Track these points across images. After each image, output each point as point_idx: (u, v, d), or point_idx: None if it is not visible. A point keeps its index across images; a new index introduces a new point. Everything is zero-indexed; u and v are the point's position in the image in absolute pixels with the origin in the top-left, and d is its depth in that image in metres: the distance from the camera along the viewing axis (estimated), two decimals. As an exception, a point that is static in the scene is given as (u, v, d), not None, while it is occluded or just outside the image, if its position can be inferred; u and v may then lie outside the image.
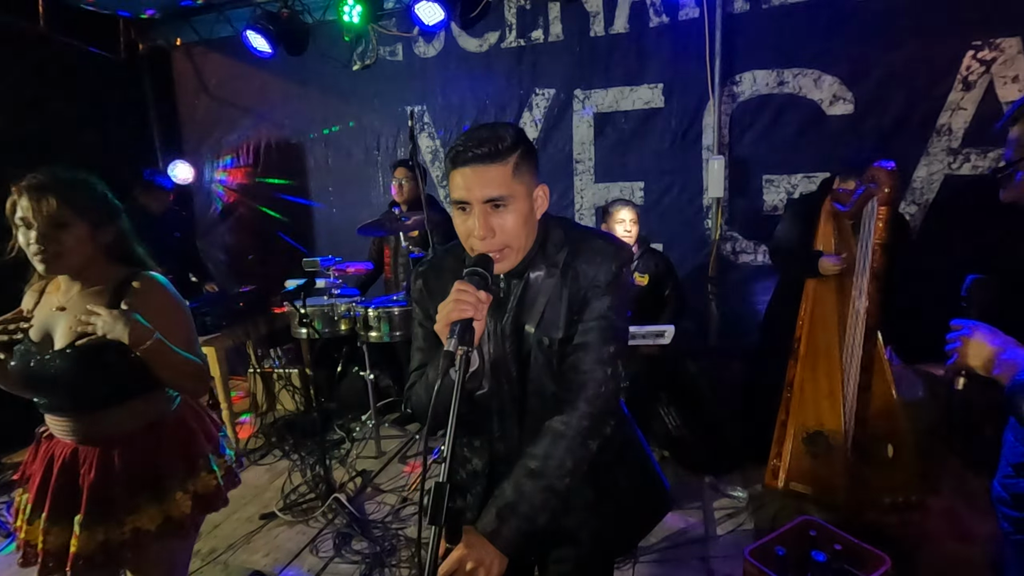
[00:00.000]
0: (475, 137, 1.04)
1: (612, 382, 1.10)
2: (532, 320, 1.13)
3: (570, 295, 1.12)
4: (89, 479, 1.43)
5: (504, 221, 1.05)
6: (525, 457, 1.08)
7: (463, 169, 1.04)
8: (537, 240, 1.14)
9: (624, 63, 3.50)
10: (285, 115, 4.33)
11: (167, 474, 1.50)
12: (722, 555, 2.42)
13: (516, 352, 1.15)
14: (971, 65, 2.94)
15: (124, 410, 1.47)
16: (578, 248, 1.14)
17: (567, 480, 1.06)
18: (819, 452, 2.45)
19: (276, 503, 2.97)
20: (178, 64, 4.52)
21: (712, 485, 2.95)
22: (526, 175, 1.07)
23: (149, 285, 1.49)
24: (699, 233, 3.58)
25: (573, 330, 1.11)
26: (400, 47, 3.94)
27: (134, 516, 1.45)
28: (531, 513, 1.03)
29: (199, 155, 4.62)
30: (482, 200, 1.04)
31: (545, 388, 1.14)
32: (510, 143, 1.04)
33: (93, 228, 1.43)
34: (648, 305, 3.06)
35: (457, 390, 0.92)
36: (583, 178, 3.74)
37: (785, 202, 3.33)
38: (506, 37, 3.69)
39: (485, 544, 0.99)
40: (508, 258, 1.09)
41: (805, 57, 3.19)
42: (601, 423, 1.09)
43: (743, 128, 3.38)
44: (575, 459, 1.06)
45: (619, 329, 1.12)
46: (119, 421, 1.46)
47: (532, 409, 1.14)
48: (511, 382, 1.16)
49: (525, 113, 3.76)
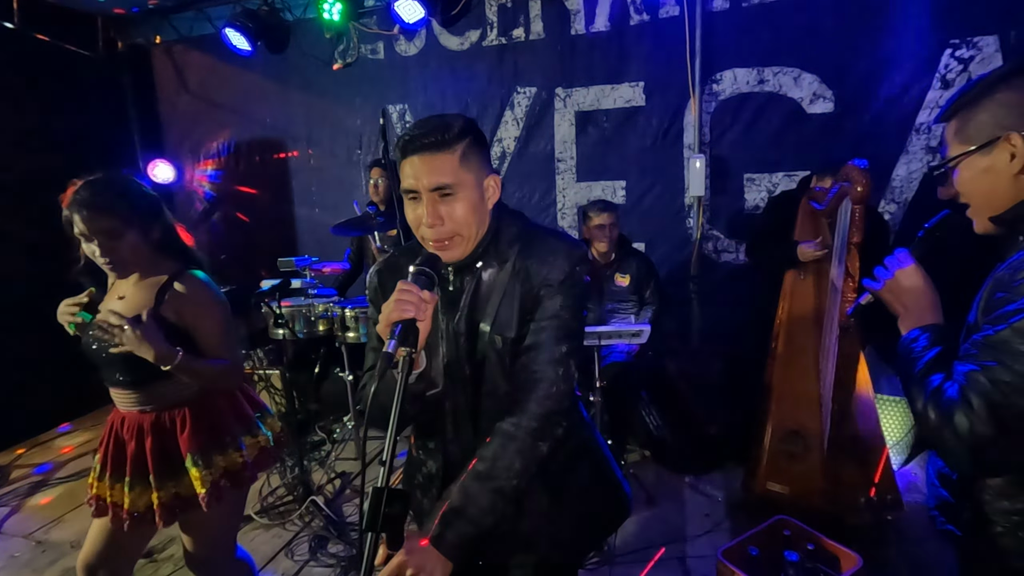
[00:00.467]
0: (423, 126, 1.04)
1: (564, 383, 1.08)
2: (486, 318, 1.11)
3: (522, 293, 1.10)
4: (131, 448, 1.62)
5: (452, 209, 1.05)
6: (475, 459, 1.05)
7: (411, 158, 1.04)
8: (489, 231, 1.13)
9: (605, 61, 3.49)
10: (267, 114, 4.29)
11: (200, 448, 1.63)
12: (699, 555, 2.41)
13: (470, 351, 1.13)
14: (949, 63, 2.94)
15: (159, 388, 1.61)
16: (531, 246, 1.13)
17: (515, 482, 1.04)
18: (796, 452, 2.44)
19: (253, 506, 2.94)
20: (158, 62, 4.48)
21: (692, 485, 2.95)
22: (475, 164, 1.07)
23: (191, 287, 1.60)
24: (681, 232, 3.57)
25: (525, 329, 1.09)
26: (381, 45, 3.91)
27: (172, 482, 1.62)
28: (477, 517, 1.01)
29: (180, 155, 4.57)
30: (430, 188, 1.03)
31: (498, 388, 1.12)
32: (457, 132, 1.04)
33: (143, 231, 1.57)
34: (629, 305, 3.05)
35: (399, 393, 0.89)
36: (565, 177, 3.72)
37: (766, 201, 3.33)
38: (487, 35, 3.67)
39: (428, 549, 0.97)
40: (458, 247, 1.08)
41: (785, 55, 3.18)
42: (552, 424, 1.07)
43: (724, 127, 3.37)
44: (524, 460, 1.04)
45: (572, 329, 1.10)
46: (154, 397, 1.62)
47: (486, 410, 1.12)
48: (465, 382, 1.14)
49: (507, 112, 3.74)
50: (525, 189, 3.82)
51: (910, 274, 1.10)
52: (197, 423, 1.64)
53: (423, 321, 0.95)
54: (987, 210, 1.03)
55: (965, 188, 1.05)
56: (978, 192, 1.03)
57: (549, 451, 1.07)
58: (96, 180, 1.54)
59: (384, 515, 0.84)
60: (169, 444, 1.63)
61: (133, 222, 1.54)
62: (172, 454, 1.63)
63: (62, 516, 3.01)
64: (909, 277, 1.10)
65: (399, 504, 0.87)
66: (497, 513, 1.02)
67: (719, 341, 3.49)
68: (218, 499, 1.64)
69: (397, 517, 0.87)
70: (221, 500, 1.65)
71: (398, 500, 0.87)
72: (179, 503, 1.63)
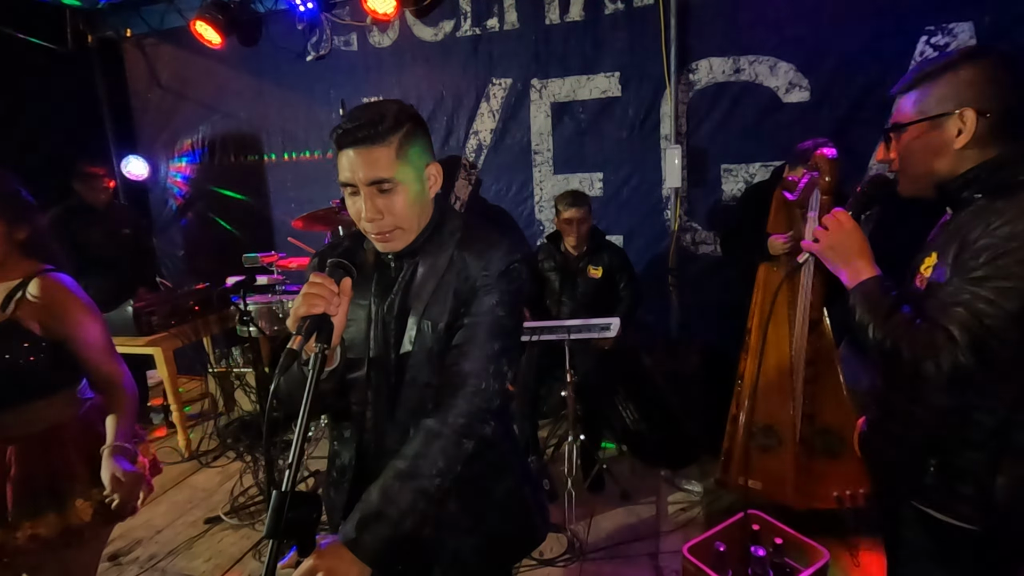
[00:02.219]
0: (357, 117, 0.99)
1: (495, 381, 1.04)
2: (417, 306, 1.07)
3: (457, 285, 1.06)
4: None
5: (391, 203, 1.01)
6: (396, 458, 1.01)
7: (347, 151, 1.00)
8: (432, 220, 1.09)
9: (580, 51, 3.43)
10: (240, 108, 4.22)
11: (67, 481, 1.45)
12: (671, 550, 2.38)
13: (397, 339, 1.08)
14: (925, 51, 2.90)
15: (25, 411, 1.44)
16: (471, 238, 1.10)
17: (438, 481, 0.99)
18: (769, 446, 2.41)
19: (223, 506, 2.89)
20: (129, 56, 4.39)
21: (667, 479, 2.92)
22: (412, 155, 1.02)
23: (48, 285, 1.46)
24: (659, 224, 3.53)
25: (457, 322, 1.05)
26: (354, 37, 3.84)
27: (31, 522, 1.41)
28: (397, 518, 0.96)
29: (153, 150, 4.49)
30: (366, 183, 0.99)
31: (419, 379, 1.07)
32: (392, 123, 0.99)
33: (6, 225, 1.44)
34: (602, 298, 3.01)
35: (308, 392, 0.85)
36: (542, 169, 3.67)
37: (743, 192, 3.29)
38: (461, 25, 3.61)
39: (342, 552, 0.92)
40: (399, 239, 1.05)
41: (760, 44, 3.14)
42: (479, 422, 1.03)
43: (700, 117, 3.33)
44: (448, 459, 1.00)
45: (507, 327, 1.06)
46: (18, 422, 1.43)
47: (404, 401, 1.07)
48: (388, 370, 1.09)
49: (483, 104, 3.68)
50: (502, 182, 3.76)
51: (850, 231, 1.15)
52: (34, 462, 1.44)
53: (336, 316, 0.90)
54: (922, 177, 1.12)
55: (908, 153, 1.12)
56: (920, 159, 1.10)
57: (475, 450, 1.03)
58: None
59: (288, 520, 0.79)
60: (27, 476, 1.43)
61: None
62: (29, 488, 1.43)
63: None
64: (849, 234, 1.15)
65: (306, 508, 0.83)
66: (418, 514, 0.98)
67: (697, 334, 3.45)
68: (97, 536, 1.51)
69: (304, 522, 0.83)
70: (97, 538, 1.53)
71: (305, 504, 0.82)
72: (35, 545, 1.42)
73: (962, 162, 1.06)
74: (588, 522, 2.61)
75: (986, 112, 1.02)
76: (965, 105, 1.03)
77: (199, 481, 3.23)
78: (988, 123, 1.02)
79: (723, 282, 3.33)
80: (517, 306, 1.09)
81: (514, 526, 1.21)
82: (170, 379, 3.33)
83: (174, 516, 2.88)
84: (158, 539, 2.70)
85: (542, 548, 2.41)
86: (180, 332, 3.39)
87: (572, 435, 2.64)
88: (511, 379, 1.08)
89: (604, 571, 2.32)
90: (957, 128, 1.04)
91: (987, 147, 1.04)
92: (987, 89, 1.02)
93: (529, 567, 2.35)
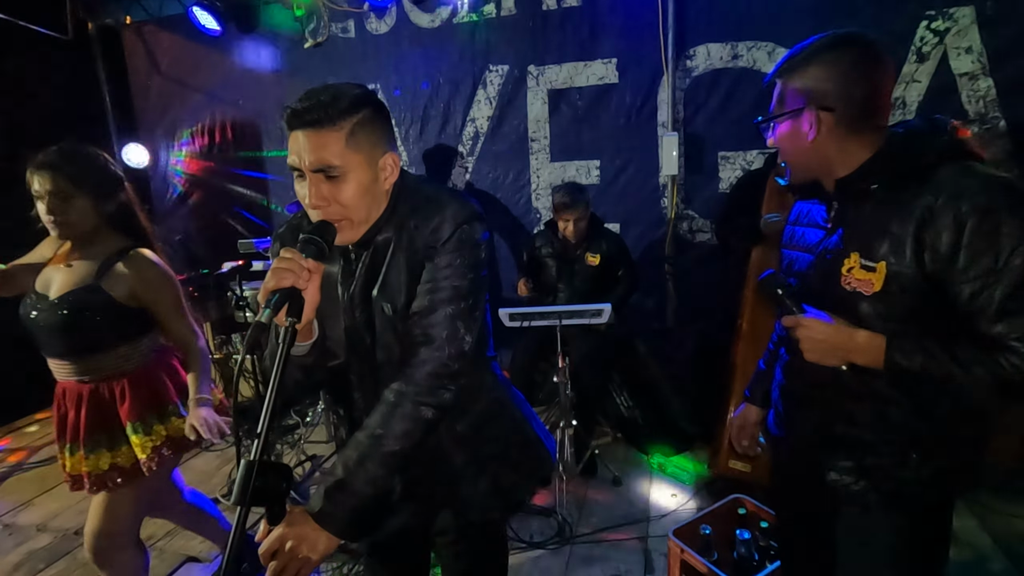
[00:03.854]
0: (310, 98, 0.96)
1: (451, 345, 1.03)
2: (376, 286, 1.08)
3: (408, 258, 1.06)
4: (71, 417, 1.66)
5: (338, 191, 0.99)
6: (359, 429, 1.03)
7: (296, 133, 0.98)
8: (385, 212, 1.08)
9: (577, 38, 3.41)
10: (239, 95, 4.22)
11: (137, 419, 1.67)
12: (660, 535, 2.40)
13: (367, 321, 1.10)
14: (925, 36, 2.86)
15: (98, 359, 1.64)
16: (417, 207, 1.07)
17: (398, 447, 1.00)
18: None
19: (220, 488, 2.94)
20: (129, 43, 4.39)
21: (661, 466, 2.93)
22: (365, 143, 1.00)
23: (137, 263, 1.64)
24: (656, 212, 3.51)
25: (415, 294, 1.06)
26: (352, 23, 3.83)
27: (111, 452, 1.67)
28: (360, 487, 0.98)
29: (154, 138, 4.51)
30: (312, 169, 0.97)
31: (393, 358, 1.09)
32: (345, 106, 0.96)
33: (95, 200, 1.60)
34: (599, 286, 3.01)
35: (278, 363, 0.86)
36: (539, 157, 3.66)
37: (737, 180, 3.27)
38: (458, 11, 3.58)
39: (309, 520, 0.94)
40: (348, 230, 1.03)
41: (759, 29, 3.10)
42: (437, 388, 1.03)
43: (698, 104, 3.30)
44: (407, 426, 1.01)
45: (461, 290, 1.04)
46: (92, 367, 1.65)
47: (385, 379, 1.09)
48: (366, 352, 1.11)
49: (479, 90, 3.67)
50: (499, 170, 3.76)
51: (823, 332, 1.05)
52: (136, 393, 1.68)
53: (307, 290, 0.91)
54: (800, 168, 1.15)
55: (779, 145, 1.16)
56: (786, 151, 1.14)
57: (436, 417, 1.04)
58: (63, 146, 1.58)
59: (255, 488, 0.81)
60: (107, 414, 1.67)
61: (84, 188, 1.57)
62: (109, 424, 1.67)
63: (31, 500, 3.01)
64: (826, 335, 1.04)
65: (274, 477, 0.85)
66: (380, 482, 1.00)
67: (693, 322, 3.45)
68: (159, 464, 1.70)
69: (271, 491, 0.85)
70: (161, 466, 1.71)
71: (272, 473, 0.84)
72: (115, 473, 1.68)
73: (848, 156, 1.06)
74: (579, 506, 2.64)
75: (834, 108, 1.02)
76: (814, 102, 1.04)
77: (198, 464, 3.28)
78: (842, 116, 1.02)
79: (720, 270, 3.32)
80: (470, 267, 1.06)
81: (521, 461, 1.25)
82: (169, 364, 3.37)
83: (172, 498, 2.92)
84: (156, 520, 2.74)
85: (532, 531, 2.45)
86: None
87: (564, 420, 2.65)
88: (472, 342, 1.07)
89: (593, 554, 2.34)
90: (808, 123, 1.05)
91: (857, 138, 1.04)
92: (839, 83, 1.01)
93: (519, 550, 2.37)
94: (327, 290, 1.09)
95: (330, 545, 0.94)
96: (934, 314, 1.01)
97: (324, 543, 0.94)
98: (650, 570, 2.24)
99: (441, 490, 1.18)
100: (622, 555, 2.32)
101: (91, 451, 1.66)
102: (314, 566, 0.93)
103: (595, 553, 2.34)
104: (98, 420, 1.67)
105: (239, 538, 0.79)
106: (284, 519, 0.91)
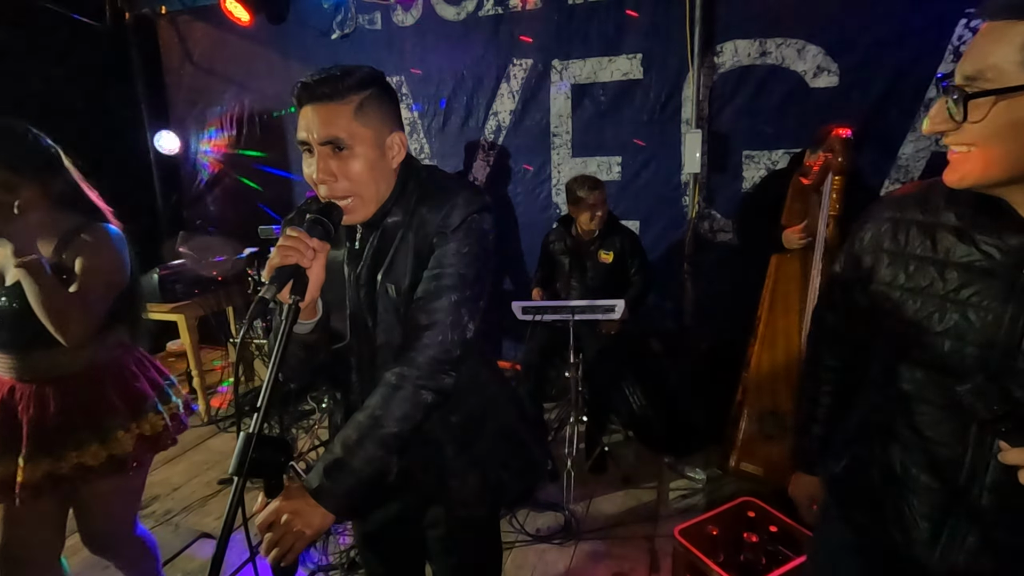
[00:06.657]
0: (321, 73, 0.99)
1: (454, 332, 1.04)
2: (381, 270, 1.09)
3: (416, 242, 1.06)
4: (28, 415, 1.49)
5: (346, 166, 1.00)
6: (358, 410, 1.04)
7: (305, 108, 1.00)
8: (394, 192, 1.09)
9: (602, 32, 3.38)
10: (267, 85, 4.29)
11: (107, 414, 1.56)
12: (667, 534, 2.37)
13: (370, 303, 1.11)
14: (963, 35, 2.76)
15: (60, 351, 1.48)
16: (428, 193, 1.08)
17: (397, 430, 1.01)
18: (771, 433, 2.38)
19: (235, 469, 3.00)
20: (163, 33, 4.50)
21: (671, 466, 2.90)
22: (374, 119, 1.02)
23: (95, 235, 1.50)
24: (677, 211, 3.47)
25: (420, 279, 1.06)
26: (379, 15, 3.86)
27: (77, 452, 1.52)
28: (359, 467, 0.99)
29: (185, 126, 4.62)
30: (320, 141, 0.99)
31: (392, 341, 1.10)
32: (356, 82, 0.99)
33: (42, 184, 1.44)
34: (613, 283, 2.98)
35: (280, 340, 0.88)
36: (560, 152, 3.64)
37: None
38: (484, 5, 3.58)
39: (306, 496, 0.96)
40: (357, 210, 1.04)
41: (789, 25, 3.03)
42: (438, 373, 1.04)
43: (723, 101, 3.25)
44: (406, 409, 1.01)
45: (467, 278, 1.05)
46: (56, 361, 1.50)
47: (383, 363, 1.10)
48: (368, 334, 1.12)
49: (503, 84, 3.67)
50: (520, 164, 3.75)
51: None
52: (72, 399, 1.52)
53: (311, 269, 0.93)
54: (1002, 171, 0.76)
55: (986, 132, 0.74)
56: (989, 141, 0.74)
57: (435, 401, 1.04)
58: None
59: (253, 460, 0.83)
60: (68, 410, 1.52)
61: (26, 173, 1.40)
62: (72, 421, 1.51)
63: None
64: None
65: (272, 450, 0.87)
66: (378, 463, 1.01)
67: (711, 322, 3.40)
68: (140, 465, 1.61)
69: (269, 463, 0.87)
70: (140, 466, 1.62)
71: (270, 446, 0.86)
72: (81, 473, 1.51)
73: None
74: (587, 503, 2.63)
75: None
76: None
77: (216, 444, 3.36)
78: None
79: (740, 271, 3.26)
80: (478, 256, 1.06)
81: (511, 461, 1.24)
82: (192, 347, 3.46)
83: (191, 475, 3.01)
84: (174, 496, 2.83)
85: (539, 526, 2.45)
86: (202, 302, 3.51)
87: (574, 416, 2.65)
88: (475, 330, 1.07)
89: (599, 551, 2.33)
90: None
91: None
92: None
93: (526, 543, 2.37)
94: (334, 272, 1.10)
95: (325, 522, 0.96)
96: None
97: (320, 519, 0.95)
98: (655, 569, 2.22)
99: (430, 479, 1.18)
100: (628, 552, 2.31)
101: (49, 454, 1.50)
102: (308, 541, 0.94)
103: (601, 550, 2.33)
104: (44, 423, 1.50)
105: (234, 509, 0.81)
106: (281, 493, 0.93)
